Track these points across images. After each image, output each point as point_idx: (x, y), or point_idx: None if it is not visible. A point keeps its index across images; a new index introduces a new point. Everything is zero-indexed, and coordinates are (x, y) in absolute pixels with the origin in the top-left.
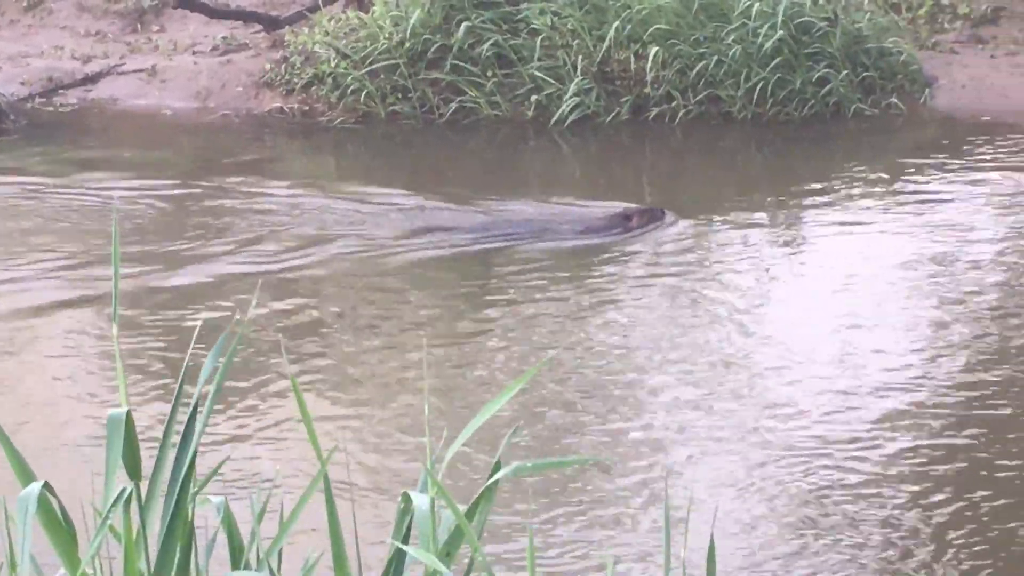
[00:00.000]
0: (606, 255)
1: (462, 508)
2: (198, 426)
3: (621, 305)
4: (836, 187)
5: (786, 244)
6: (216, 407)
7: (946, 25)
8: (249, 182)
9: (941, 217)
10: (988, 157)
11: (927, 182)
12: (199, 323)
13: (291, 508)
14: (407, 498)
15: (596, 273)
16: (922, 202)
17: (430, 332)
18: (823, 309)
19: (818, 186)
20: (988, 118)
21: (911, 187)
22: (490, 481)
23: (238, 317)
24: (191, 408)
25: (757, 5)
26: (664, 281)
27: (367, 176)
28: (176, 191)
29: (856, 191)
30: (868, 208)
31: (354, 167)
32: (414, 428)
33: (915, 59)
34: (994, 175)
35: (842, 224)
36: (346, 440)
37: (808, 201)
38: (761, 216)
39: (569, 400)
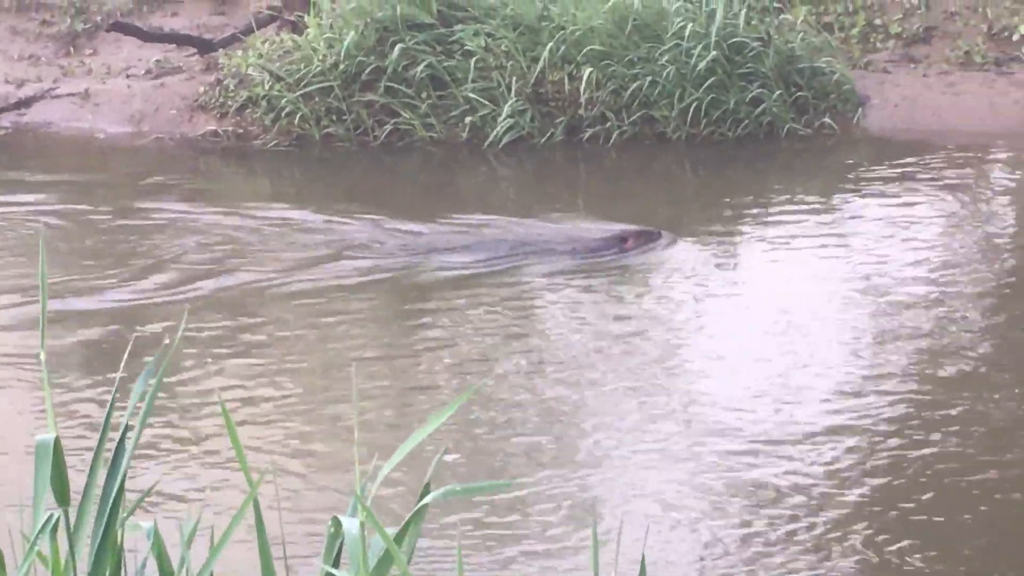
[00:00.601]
0: (550, 276)
1: (393, 531)
2: (127, 450)
3: (556, 325)
4: (770, 206)
5: (721, 263)
6: (146, 430)
7: (879, 44)
8: (182, 205)
9: (874, 235)
10: (921, 176)
11: (860, 201)
12: (129, 347)
13: (222, 530)
14: (337, 522)
15: (534, 294)
16: (855, 220)
17: (364, 354)
18: (757, 327)
19: (753, 206)
20: (921, 137)
21: (844, 206)
22: (419, 505)
23: (168, 340)
24: (120, 432)
25: (690, 26)
26: (597, 300)
27: (301, 198)
28: (108, 215)
29: (790, 210)
30: (802, 226)
31: (288, 189)
32: (347, 451)
33: (848, 79)
34: (927, 193)
35: (776, 242)
36: (277, 462)
37: (743, 220)
38: (695, 235)
39: (504, 421)
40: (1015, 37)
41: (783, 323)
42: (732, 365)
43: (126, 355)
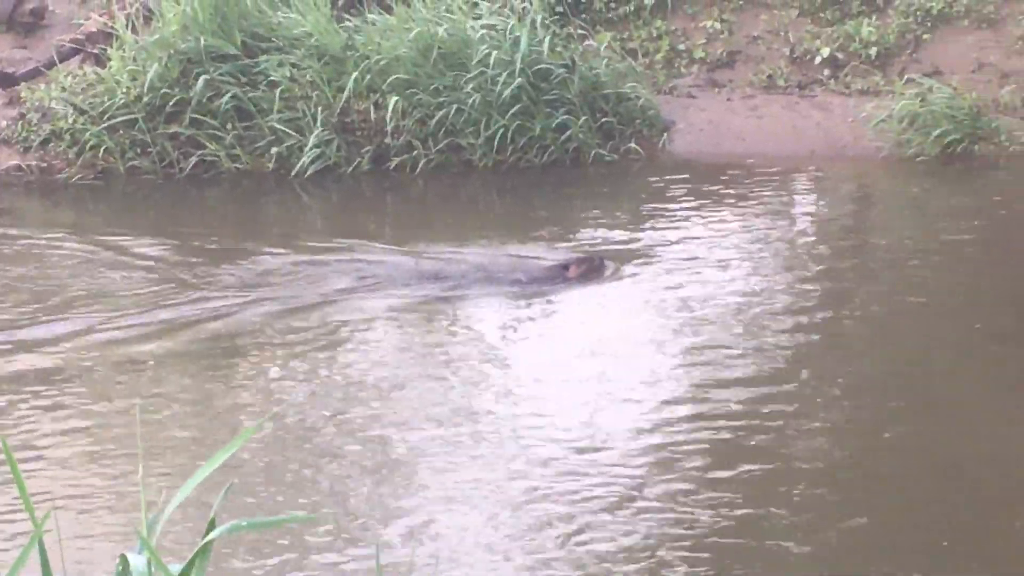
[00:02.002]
0: (363, 309)
1: (180, 566)
2: None
3: (365, 357)
4: (578, 232)
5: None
6: None
7: (683, 69)
8: None
9: (680, 258)
10: (726, 198)
11: (667, 224)
12: None
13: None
14: (124, 560)
15: (346, 327)
16: (662, 243)
17: (153, 392)
18: (569, 350)
19: (560, 232)
20: (726, 160)
21: (651, 229)
22: (204, 541)
23: None
24: None
25: (495, 53)
26: (403, 326)
27: (103, 231)
28: None
29: (598, 235)
30: (610, 251)
31: (93, 223)
32: (134, 489)
33: (653, 104)
34: (733, 216)
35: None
36: (67, 500)
37: (550, 246)
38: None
39: (304, 456)
40: (817, 60)
41: (594, 345)
42: (548, 389)
43: None
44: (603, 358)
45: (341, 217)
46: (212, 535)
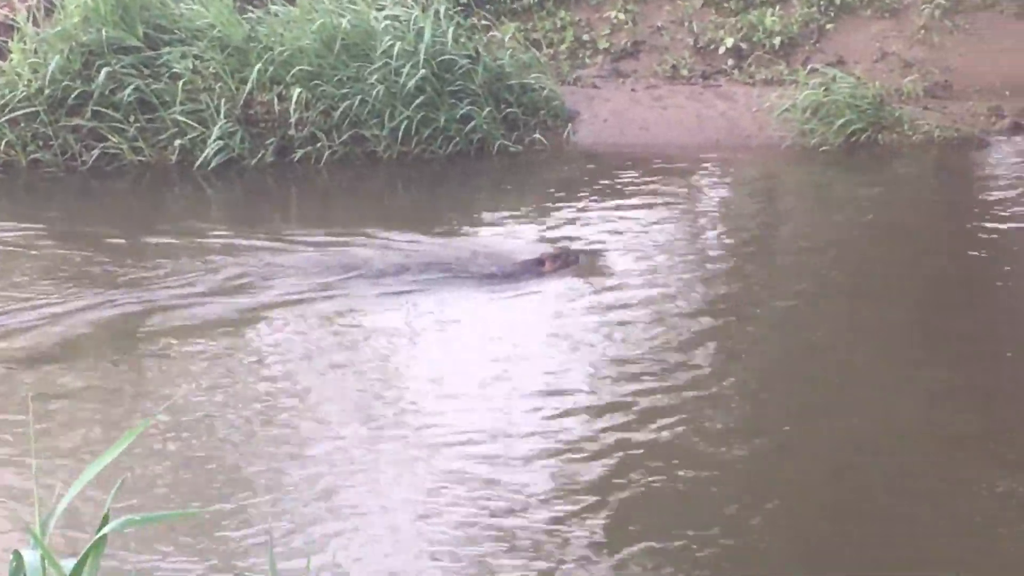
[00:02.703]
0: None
1: (72, 562)
2: None
3: (273, 353)
4: (482, 224)
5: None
6: None
7: (587, 60)
8: None
9: (587, 245)
10: (631, 188)
11: (571, 214)
12: None
13: None
14: (18, 556)
15: (247, 325)
16: (567, 233)
17: (47, 388)
18: (472, 346)
19: (464, 223)
20: (630, 150)
21: (556, 219)
22: (98, 535)
23: None
24: None
25: (399, 44)
26: (309, 320)
27: (2, 224)
28: None
29: (501, 227)
30: (516, 241)
31: None
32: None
33: (557, 94)
34: (637, 205)
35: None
36: None
37: (456, 237)
38: (407, 253)
39: (200, 451)
40: (721, 50)
41: (498, 341)
42: (451, 387)
43: None
44: (507, 352)
45: (244, 209)
46: (105, 530)
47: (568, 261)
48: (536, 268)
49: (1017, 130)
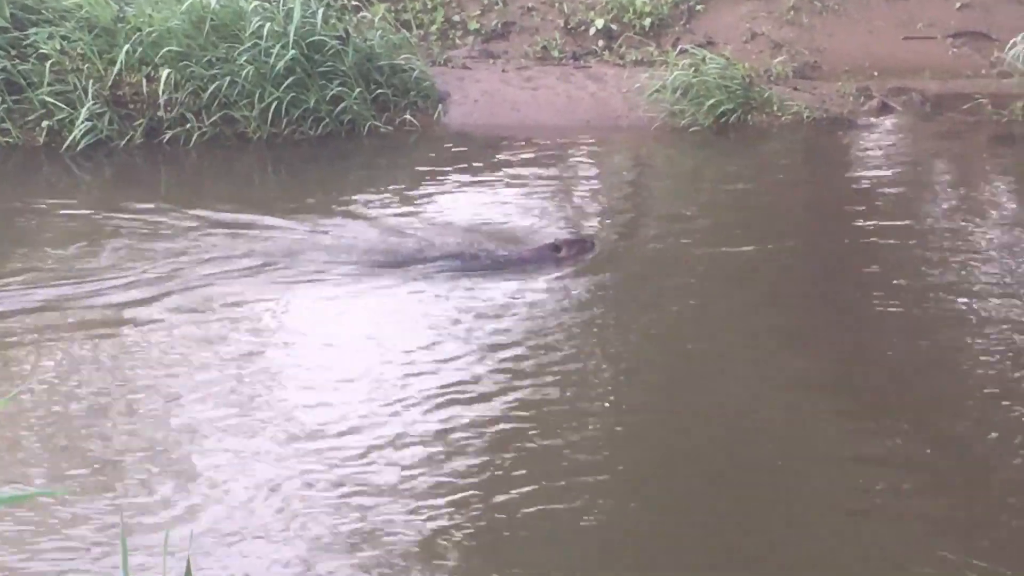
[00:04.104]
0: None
1: None
2: None
3: (159, 338)
4: (351, 204)
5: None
6: None
7: (458, 41)
8: None
9: (458, 227)
10: (501, 171)
11: (441, 195)
12: None
13: None
14: None
15: (141, 315)
16: (437, 213)
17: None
18: (336, 329)
19: (334, 203)
20: (501, 131)
21: (426, 200)
22: None
23: None
24: None
25: (268, 25)
26: (183, 303)
27: None
28: None
29: (372, 209)
30: (386, 222)
31: None
32: None
33: (428, 75)
34: (507, 185)
35: (359, 240)
36: None
37: (326, 218)
38: (276, 235)
39: (63, 432)
40: (591, 31)
41: (363, 326)
42: (317, 373)
43: None
44: (369, 337)
45: (113, 190)
46: None
47: (585, 247)
48: (552, 254)
49: (885, 111)
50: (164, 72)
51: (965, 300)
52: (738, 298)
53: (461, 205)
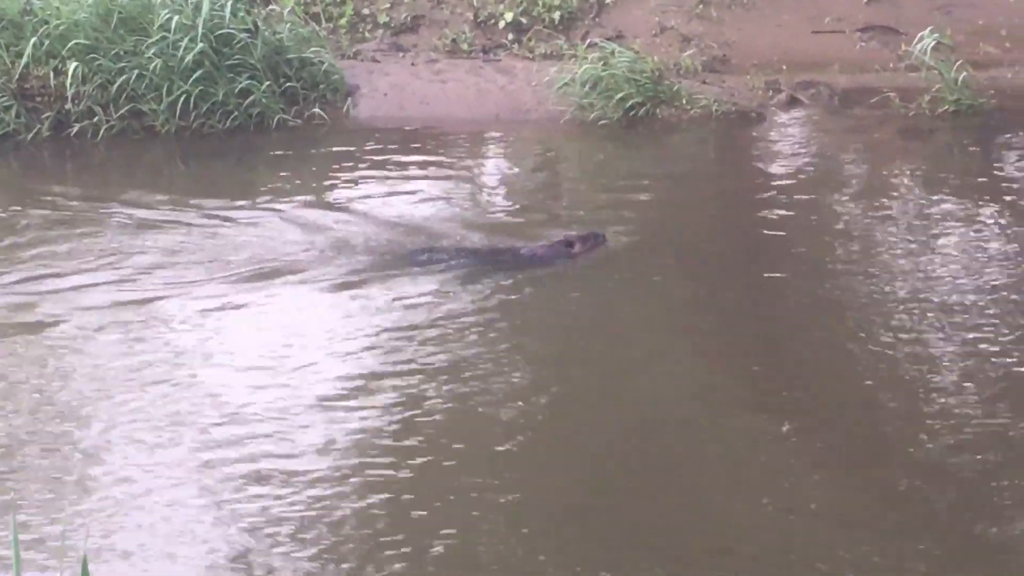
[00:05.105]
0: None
1: None
2: None
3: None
4: (258, 196)
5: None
6: None
7: (367, 34)
8: None
9: (365, 220)
10: (410, 165)
11: (350, 189)
12: None
13: None
14: None
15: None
16: (345, 207)
17: None
18: (253, 326)
19: (242, 196)
20: (410, 125)
21: (335, 194)
22: None
23: None
24: None
25: (177, 18)
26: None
27: None
28: None
29: (280, 204)
30: (296, 215)
31: None
32: None
33: (337, 69)
34: (415, 179)
35: (267, 236)
36: None
37: (234, 213)
38: (190, 231)
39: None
40: (501, 25)
41: (277, 316)
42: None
43: None
44: (282, 323)
45: (20, 184)
46: None
47: (597, 242)
48: (566, 250)
49: (793, 104)
50: (72, 65)
51: (870, 292)
52: (642, 294)
53: (371, 198)
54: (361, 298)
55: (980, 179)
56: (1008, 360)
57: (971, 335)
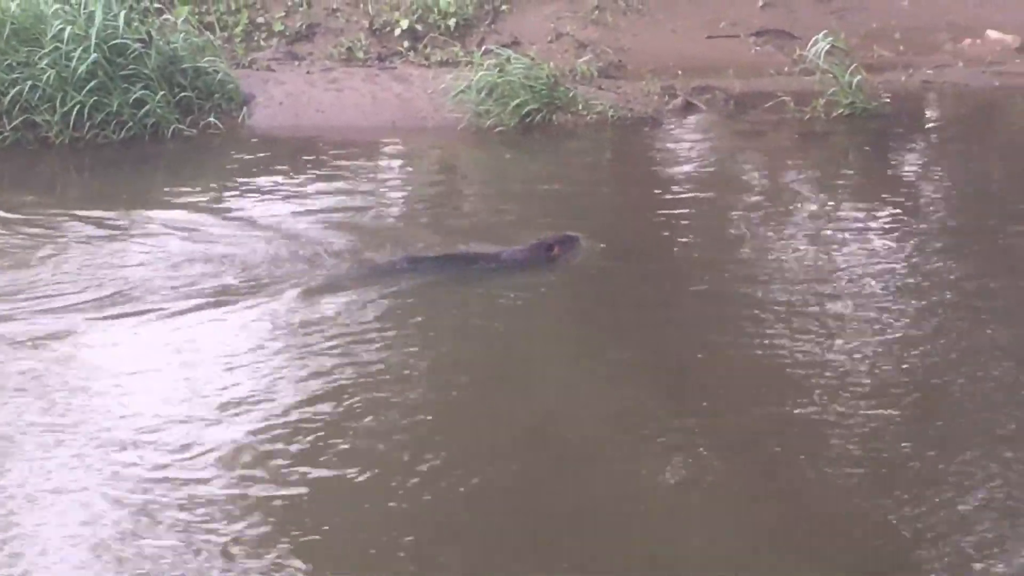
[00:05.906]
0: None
1: None
2: None
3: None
4: (152, 208)
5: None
6: None
7: (262, 43)
8: None
9: (255, 233)
10: (306, 174)
11: (243, 199)
12: None
13: None
14: None
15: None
16: (239, 218)
17: None
18: (158, 341)
19: (138, 207)
20: (307, 133)
21: (228, 204)
22: None
23: None
24: None
25: (69, 29)
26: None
27: None
28: None
29: (176, 213)
30: (186, 223)
31: None
32: None
33: (232, 78)
34: (313, 191)
35: (158, 246)
36: None
37: (129, 223)
38: (82, 242)
39: None
40: (396, 32)
41: (194, 333)
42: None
43: None
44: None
45: None
46: None
47: (574, 244)
48: (545, 254)
49: (689, 109)
50: None
51: (766, 292)
52: (542, 298)
53: (266, 207)
54: (265, 310)
55: (875, 181)
56: (915, 355)
57: (876, 338)
